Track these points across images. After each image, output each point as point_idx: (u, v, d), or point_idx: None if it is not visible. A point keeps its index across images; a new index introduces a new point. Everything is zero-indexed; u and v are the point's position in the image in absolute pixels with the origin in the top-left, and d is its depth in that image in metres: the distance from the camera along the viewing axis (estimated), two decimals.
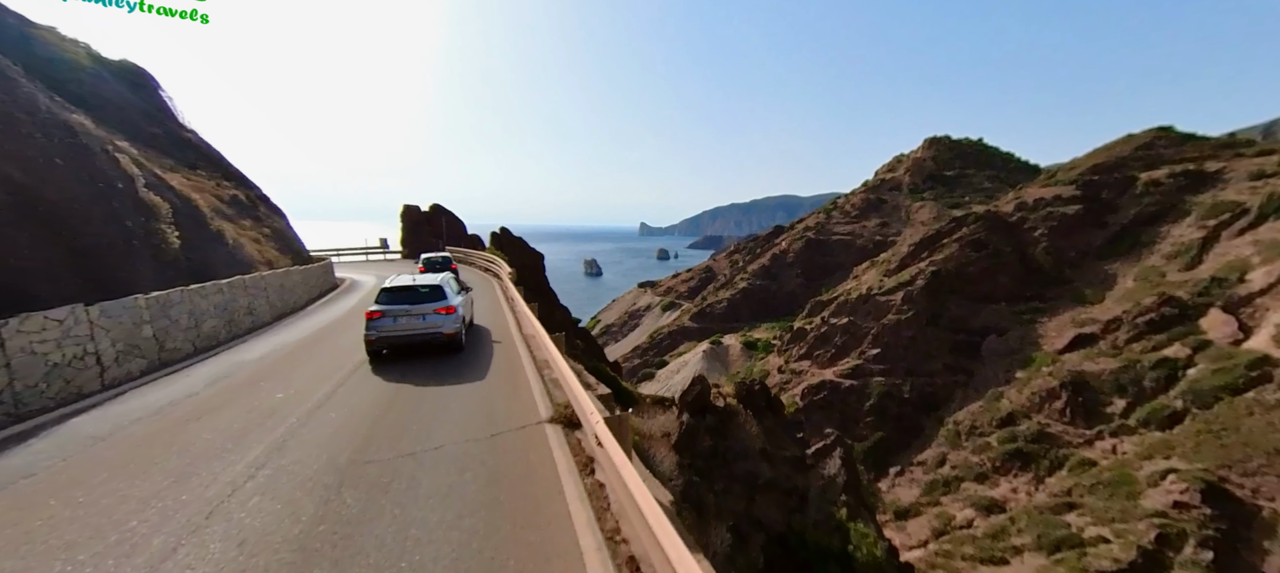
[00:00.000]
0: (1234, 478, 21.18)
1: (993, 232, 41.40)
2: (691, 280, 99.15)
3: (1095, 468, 25.69)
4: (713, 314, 76.47)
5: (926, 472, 33.99)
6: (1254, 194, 36.98)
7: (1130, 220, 39.87)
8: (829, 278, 72.81)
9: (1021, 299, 37.16)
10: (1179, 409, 25.61)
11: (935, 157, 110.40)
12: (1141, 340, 29.38)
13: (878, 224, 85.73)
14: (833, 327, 43.89)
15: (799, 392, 43.02)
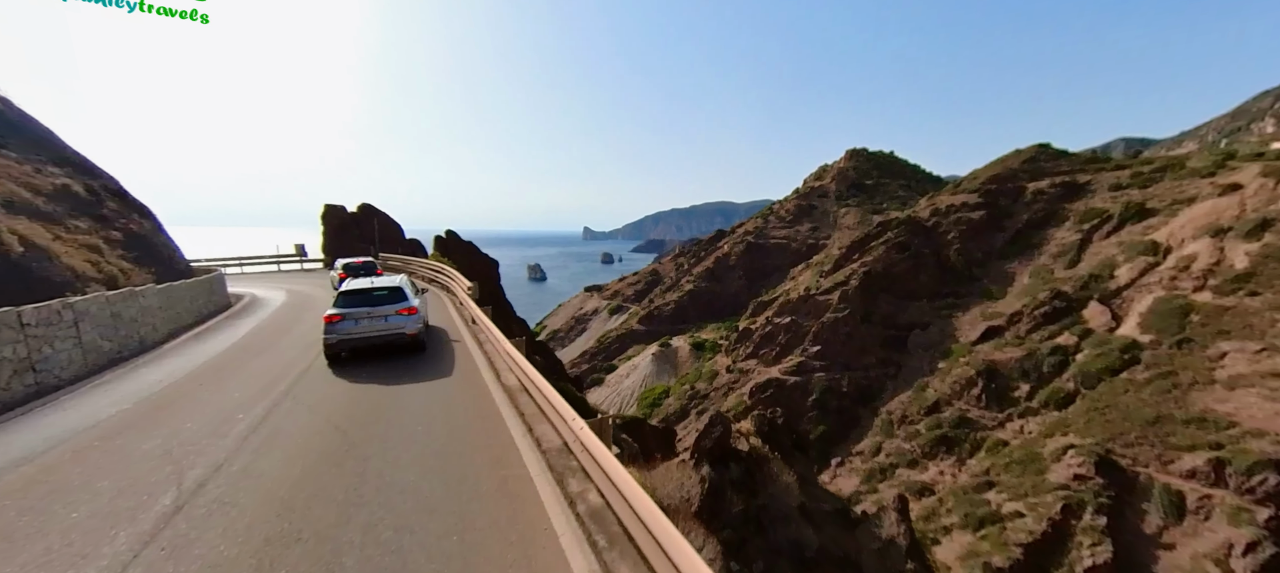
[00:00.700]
0: (1118, 449, 23.94)
1: (913, 235, 44.79)
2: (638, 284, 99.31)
3: (1008, 448, 28.16)
4: (660, 317, 76.86)
5: (864, 461, 35.82)
6: (1114, 202, 42.77)
7: (1023, 225, 44.72)
8: (769, 279, 75.70)
9: (940, 296, 40.47)
10: (1071, 391, 28.73)
11: (856, 166, 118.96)
12: (1038, 331, 32.78)
13: (810, 228, 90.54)
14: (776, 326, 45.37)
15: (747, 390, 43.97)
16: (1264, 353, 24.35)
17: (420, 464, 6.57)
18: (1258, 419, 21.97)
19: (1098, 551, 21.59)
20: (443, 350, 12.95)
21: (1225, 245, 32.06)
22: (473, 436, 7.60)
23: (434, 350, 12.88)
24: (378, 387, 9.89)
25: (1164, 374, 26.01)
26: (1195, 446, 22.34)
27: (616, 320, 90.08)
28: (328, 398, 9.44)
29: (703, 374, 54.75)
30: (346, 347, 11.22)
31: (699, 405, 49.62)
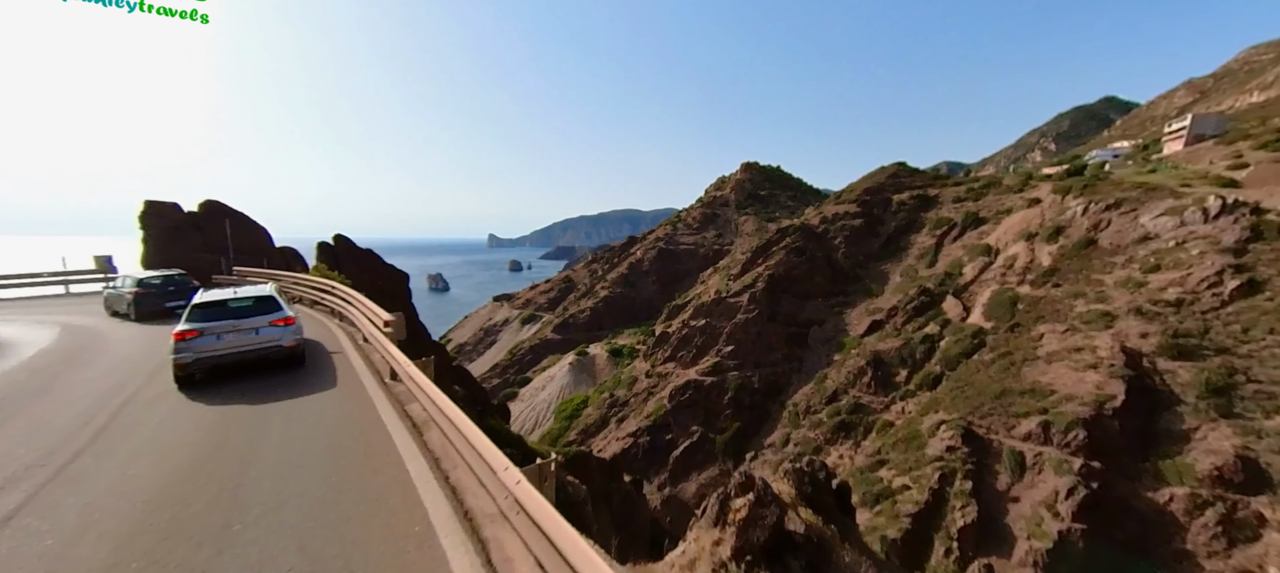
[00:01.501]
0: (976, 420, 27.82)
1: (808, 241, 48.91)
2: (551, 291, 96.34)
3: (894, 428, 31.44)
4: (576, 324, 75.06)
5: (775, 452, 37.88)
6: (957, 212, 50.72)
7: (892, 231, 51.13)
8: (681, 283, 77.93)
9: (832, 295, 44.58)
10: (938, 373, 32.98)
11: (751, 178, 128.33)
12: (911, 323, 37.33)
13: (715, 235, 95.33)
14: (692, 329, 46.45)
15: (666, 394, 44.28)
16: (1068, 332, 30.04)
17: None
18: (1068, 386, 26.90)
19: (967, 512, 24.66)
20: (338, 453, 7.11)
21: (1035, 247, 39.40)
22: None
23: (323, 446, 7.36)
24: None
25: (1003, 354, 30.94)
26: (1029, 412, 26.68)
27: (529, 330, 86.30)
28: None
29: (622, 381, 54.25)
30: (205, 367, 9.55)
31: (619, 413, 49.01)
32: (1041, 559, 22.51)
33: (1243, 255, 28.59)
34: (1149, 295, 29.38)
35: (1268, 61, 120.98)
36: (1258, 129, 55.20)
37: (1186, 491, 22.65)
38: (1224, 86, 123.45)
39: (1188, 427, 24.05)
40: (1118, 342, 27.35)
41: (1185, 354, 25.75)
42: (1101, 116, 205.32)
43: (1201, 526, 21.81)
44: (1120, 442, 24.10)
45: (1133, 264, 32.32)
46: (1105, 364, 26.45)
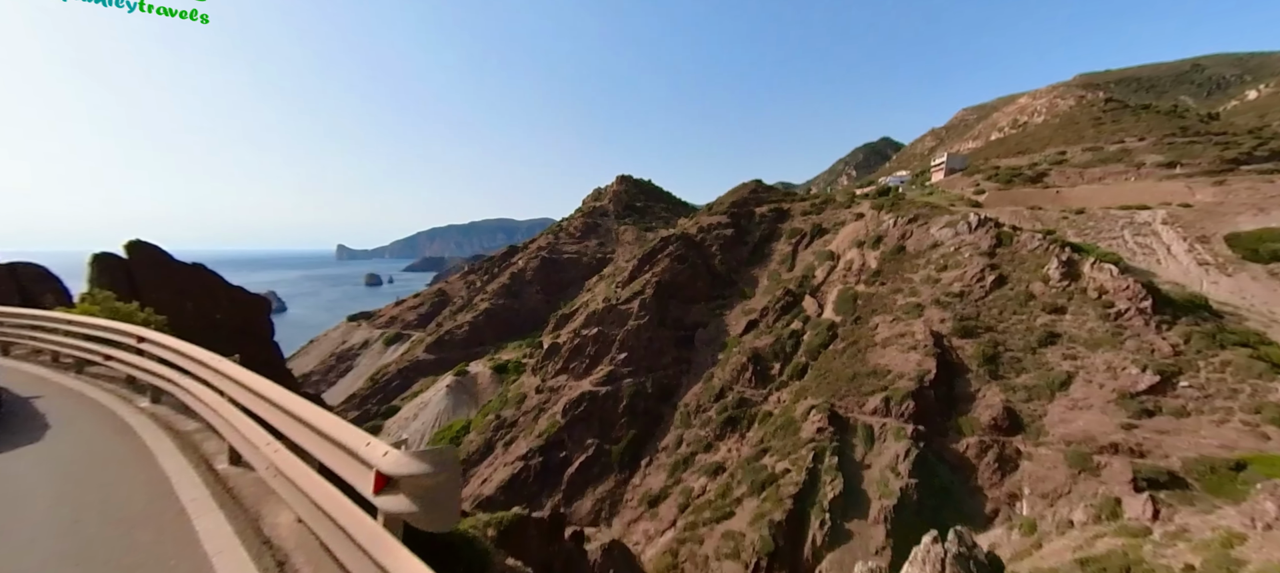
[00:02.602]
0: (837, 402, 31.70)
1: (689, 249, 51.50)
2: (421, 307, 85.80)
3: (773, 417, 34.29)
4: (453, 341, 67.83)
5: (669, 455, 38.57)
6: (806, 223, 58.40)
7: (757, 240, 56.73)
8: (566, 292, 75.85)
9: (713, 298, 47.52)
10: (805, 363, 36.99)
11: (627, 190, 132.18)
12: (779, 320, 41.44)
13: (597, 244, 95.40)
14: (584, 338, 45.14)
15: (560, 409, 42.15)
16: (894, 321, 36.21)
17: None
18: (899, 365, 32.27)
19: (835, 484, 27.71)
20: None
21: (864, 253, 47.05)
22: None
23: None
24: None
25: (851, 343, 36.00)
26: (874, 390, 31.30)
27: (395, 352, 75.54)
28: None
29: (509, 399, 50.27)
30: None
31: (506, 435, 45.30)
32: (889, 515, 26.15)
33: (994, 257, 37.76)
34: (942, 289, 37.03)
35: (973, 120, 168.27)
36: (984, 166, 74.45)
37: (975, 439, 28.51)
38: (951, 136, 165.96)
39: (973, 390, 30.49)
40: (927, 327, 33.78)
41: (969, 333, 32.84)
42: (882, 152, 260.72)
43: (985, 464, 27.62)
44: (935, 407, 29.58)
45: (930, 265, 40.51)
46: (921, 345, 32.41)
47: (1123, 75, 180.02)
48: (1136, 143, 66.88)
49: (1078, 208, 50.32)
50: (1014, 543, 22.79)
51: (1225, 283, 35.39)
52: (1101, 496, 21.18)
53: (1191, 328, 27.87)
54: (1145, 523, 16.68)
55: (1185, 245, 39.73)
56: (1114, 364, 27.45)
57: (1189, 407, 25.08)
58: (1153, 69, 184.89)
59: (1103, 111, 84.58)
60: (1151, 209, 45.82)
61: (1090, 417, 26.45)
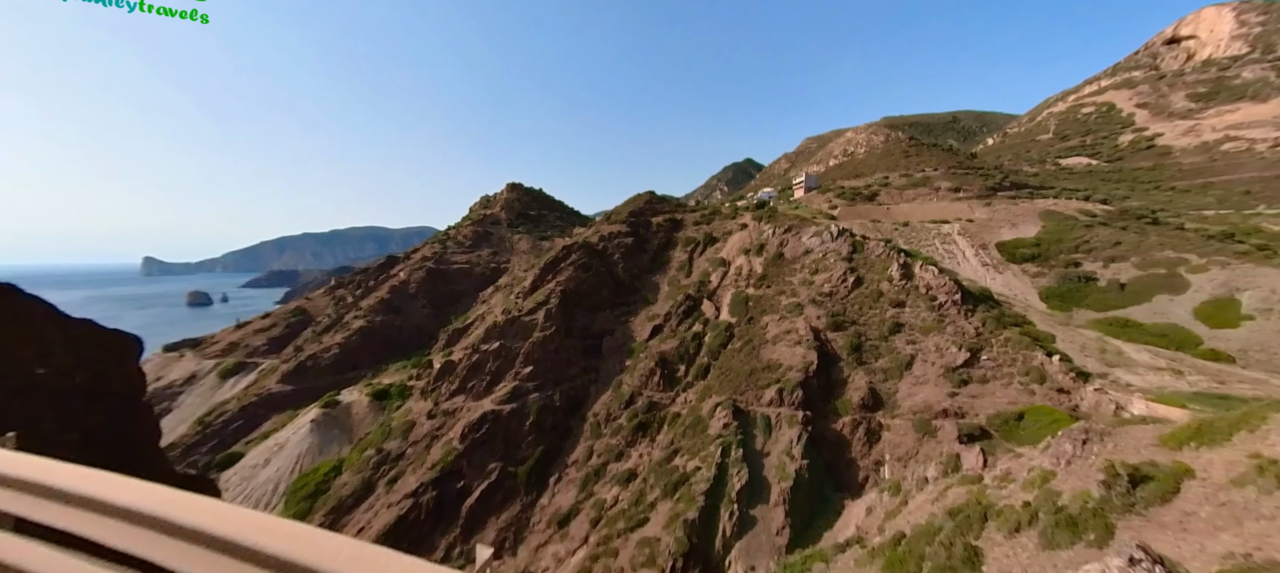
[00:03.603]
0: (739, 397, 33.62)
1: (592, 257, 50.71)
2: (272, 329, 70.87)
3: (682, 418, 35.08)
4: (319, 367, 57.12)
5: (579, 469, 37.12)
6: (699, 232, 61.78)
7: (656, 247, 58.32)
8: (457, 305, 69.19)
9: (617, 305, 47.32)
10: (707, 364, 38.65)
11: (519, 198, 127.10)
12: (682, 324, 42.85)
13: (490, 253, 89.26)
14: (484, 353, 41.34)
15: (457, 433, 37.91)
16: (780, 320, 39.84)
17: None
18: (787, 359, 35.47)
19: (741, 475, 29.20)
20: None
21: (751, 260, 51.25)
22: None
23: None
24: None
25: (746, 342, 38.67)
26: (769, 383, 33.89)
27: (237, 385, 61.12)
28: None
29: (393, 429, 43.79)
30: None
31: (390, 472, 39.38)
32: (787, 496, 28.29)
33: (852, 261, 43.95)
34: (816, 290, 41.93)
35: (815, 148, 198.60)
36: (832, 186, 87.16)
37: (849, 418, 32.46)
38: (800, 160, 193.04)
39: (845, 375, 34.80)
40: (807, 323, 37.81)
41: (839, 327, 37.54)
42: (747, 171, 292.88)
43: (857, 438, 31.58)
44: (818, 393, 33.09)
45: (804, 269, 45.63)
46: (804, 340, 36.10)
47: (912, 120, 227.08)
48: (933, 172, 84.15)
49: (903, 221, 61.54)
50: (885, 503, 26.18)
51: (999, 279, 46.11)
52: (945, 453, 25.53)
53: (986, 314, 35.53)
54: (979, 471, 20.36)
55: (973, 250, 50.92)
56: (940, 346, 33.63)
57: (988, 375, 31.73)
58: (929, 117, 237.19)
59: (909, 147, 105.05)
60: (950, 223, 58.00)
61: (927, 389, 31.93)
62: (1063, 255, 46.46)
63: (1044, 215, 56.07)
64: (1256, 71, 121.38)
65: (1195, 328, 34.32)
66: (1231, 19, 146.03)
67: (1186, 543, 9.56)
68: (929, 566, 14.01)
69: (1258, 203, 72.49)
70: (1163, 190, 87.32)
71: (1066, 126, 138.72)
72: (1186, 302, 36.50)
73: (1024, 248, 48.67)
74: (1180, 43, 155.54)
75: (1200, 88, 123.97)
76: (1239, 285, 36.19)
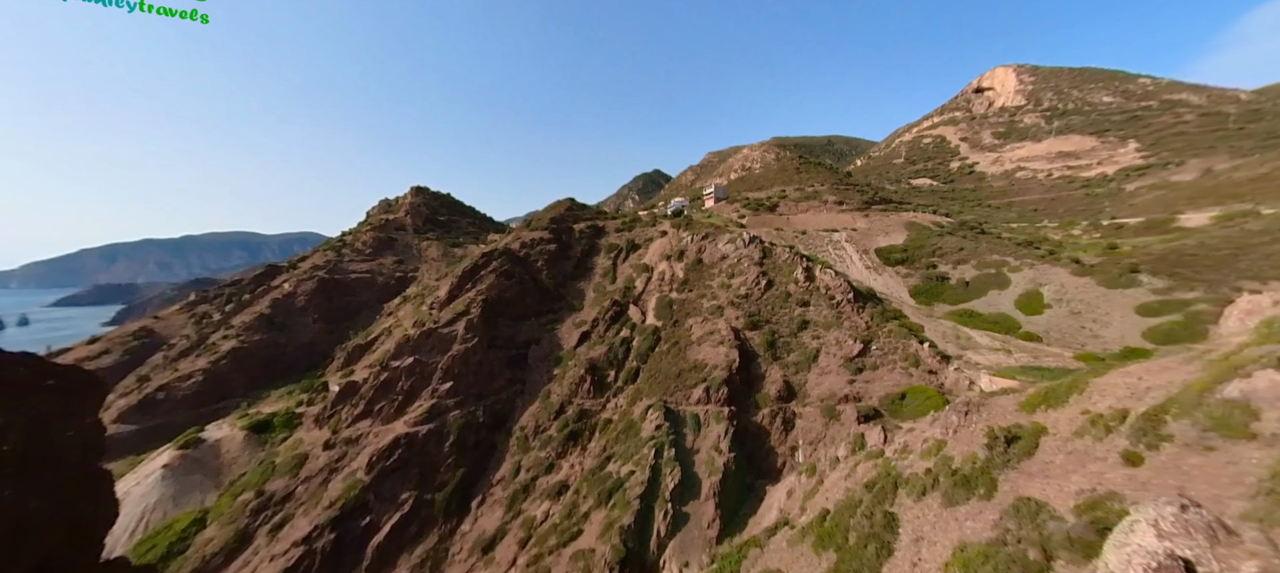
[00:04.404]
0: (669, 398, 34.17)
1: (514, 264, 48.20)
2: (105, 356, 56.15)
3: (613, 423, 34.65)
4: (173, 400, 46.46)
5: (506, 487, 34.85)
6: (621, 239, 62.08)
7: (580, 254, 57.37)
8: (356, 318, 61.06)
9: (542, 313, 45.45)
10: (636, 367, 38.75)
11: (425, 203, 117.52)
12: (610, 330, 42.52)
13: (395, 261, 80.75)
14: (395, 370, 36.92)
15: (363, 463, 33.32)
16: (703, 321, 41.42)
17: None
18: (712, 358, 36.93)
19: (674, 474, 29.61)
20: None
21: (672, 265, 52.72)
22: None
23: None
24: None
25: (673, 344, 39.55)
26: (696, 383, 34.96)
27: None
28: None
29: (279, 466, 37.17)
30: None
31: (272, 516, 33.45)
32: (716, 489, 29.27)
33: (763, 265, 47.35)
34: (734, 293, 44.38)
35: (716, 161, 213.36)
36: (738, 197, 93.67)
37: (768, 409, 34.62)
38: (704, 173, 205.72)
39: (763, 370, 37.16)
40: (728, 324, 39.79)
41: (755, 326, 40.08)
42: (657, 181, 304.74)
43: (775, 428, 33.80)
44: (741, 388, 34.88)
45: (722, 274, 48.09)
46: (726, 340, 37.91)
47: (796, 141, 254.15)
48: (821, 187, 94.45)
49: (801, 230, 68.03)
50: (803, 485, 28.25)
51: (879, 279, 52.96)
52: (851, 434, 28.34)
53: (873, 310, 40.48)
54: (881, 447, 22.90)
55: (858, 255, 57.93)
56: (839, 339, 37.53)
57: (878, 363, 36.08)
58: (811, 139, 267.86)
59: (800, 165, 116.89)
60: (839, 231, 65.42)
61: (831, 378, 35.34)
62: (924, 259, 54.89)
63: (908, 226, 65.82)
64: (1033, 118, 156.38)
65: (1016, 315, 42.60)
66: (1014, 77, 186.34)
67: (1050, 486, 11.50)
68: (855, 534, 15.32)
69: (1042, 218, 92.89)
70: (983, 207, 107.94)
71: (914, 153, 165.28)
72: (1009, 295, 45.22)
73: (896, 253, 56.63)
74: (983, 92, 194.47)
75: (999, 128, 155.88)
76: (1041, 281, 45.80)
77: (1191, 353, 13.95)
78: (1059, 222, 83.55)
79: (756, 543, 21.45)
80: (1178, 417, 10.47)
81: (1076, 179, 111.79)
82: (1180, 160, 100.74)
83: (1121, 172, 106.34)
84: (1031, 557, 9.70)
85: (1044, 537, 9.86)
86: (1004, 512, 11.74)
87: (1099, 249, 55.26)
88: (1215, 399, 10.04)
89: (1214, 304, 34.18)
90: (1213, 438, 9.44)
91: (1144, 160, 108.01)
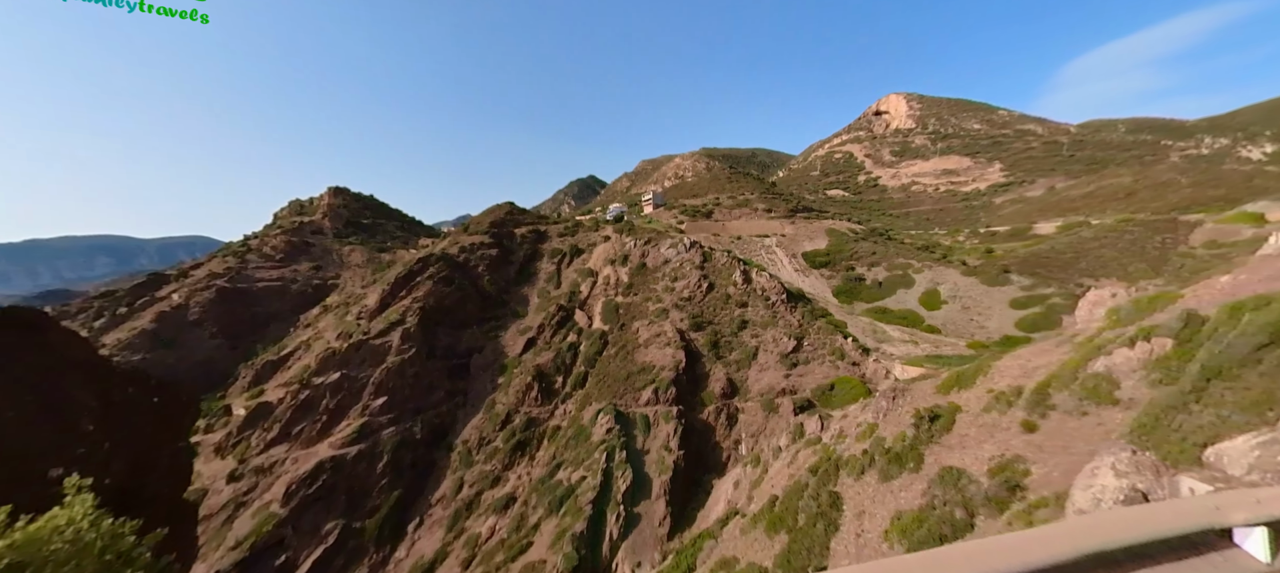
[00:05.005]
0: (619, 401, 34.04)
1: (454, 270, 45.37)
2: None
3: (563, 430, 33.81)
4: None
5: (447, 505, 32.61)
6: (564, 243, 61.03)
7: (522, 259, 55.46)
8: (263, 333, 53.61)
9: (486, 321, 43.19)
10: (584, 372, 38.16)
11: (347, 205, 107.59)
12: (557, 335, 41.51)
13: (312, 268, 72.44)
14: (318, 388, 32.96)
15: (278, 494, 29.39)
16: (649, 324, 41.86)
17: None
18: (659, 360, 37.41)
19: (626, 476, 29.59)
20: None
21: (617, 270, 52.76)
22: None
23: None
24: None
25: (621, 347, 39.51)
26: (645, 385, 35.20)
27: None
28: None
29: None
30: None
31: None
32: (667, 487, 29.66)
33: (704, 269, 48.97)
34: (678, 295, 45.38)
35: (650, 169, 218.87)
36: (676, 204, 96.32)
37: (713, 406, 35.75)
38: (639, 180, 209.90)
39: (707, 369, 38.35)
40: (673, 326, 40.57)
41: (699, 327, 41.27)
42: (593, 187, 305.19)
43: (720, 423, 34.98)
44: (687, 387, 35.69)
45: (665, 277, 49.00)
46: (672, 341, 38.62)
47: (725, 152, 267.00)
48: (752, 196, 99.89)
49: (736, 235, 71.38)
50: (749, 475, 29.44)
51: (807, 281, 57.02)
52: (790, 424, 30.05)
53: (804, 309, 43.45)
54: (819, 434, 24.56)
55: (788, 259, 61.96)
56: (776, 337, 39.79)
57: (809, 357, 38.73)
58: (737, 150, 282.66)
59: (730, 175, 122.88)
60: (770, 237, 69.55)
61: (769, 374, 37.33)
62: (843, 262, 60.05)
63: (829, 232, 71.66)
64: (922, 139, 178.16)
65: (920, 311, 47.98)
66: (905, 104, 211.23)
67: (967, 455, 13.00)
68: (804, 515, 16.25)
69: (934, 226, 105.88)
70: (886, 216, 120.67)
71: (827, 167, 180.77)
72: (914, 293, 50.85)
73: (820, 256, 61.37)
74: (881, 115, 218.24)
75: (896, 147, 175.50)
76: (938, 281, 52.08)
77: (1062, 337, 16.56)
78: (947, 229, 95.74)
79: (710, 535, 21.97)
80: (1059, 390, 12.37)
81: (958, 193, 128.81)
82: (1032, 180, 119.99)
83: (991, 188, 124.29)
84: (958, 516, 10.91)
85: (966, 499, 11.14)
86: (931, 481, 13.09)
87: (979, 253, 64.10)
88: (1086, 374, 11.99)
89: (1066, 298, 41.00)
90: (1087, 405, 11.28)
91: (1006, 179, 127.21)
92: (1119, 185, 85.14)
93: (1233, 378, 8.97)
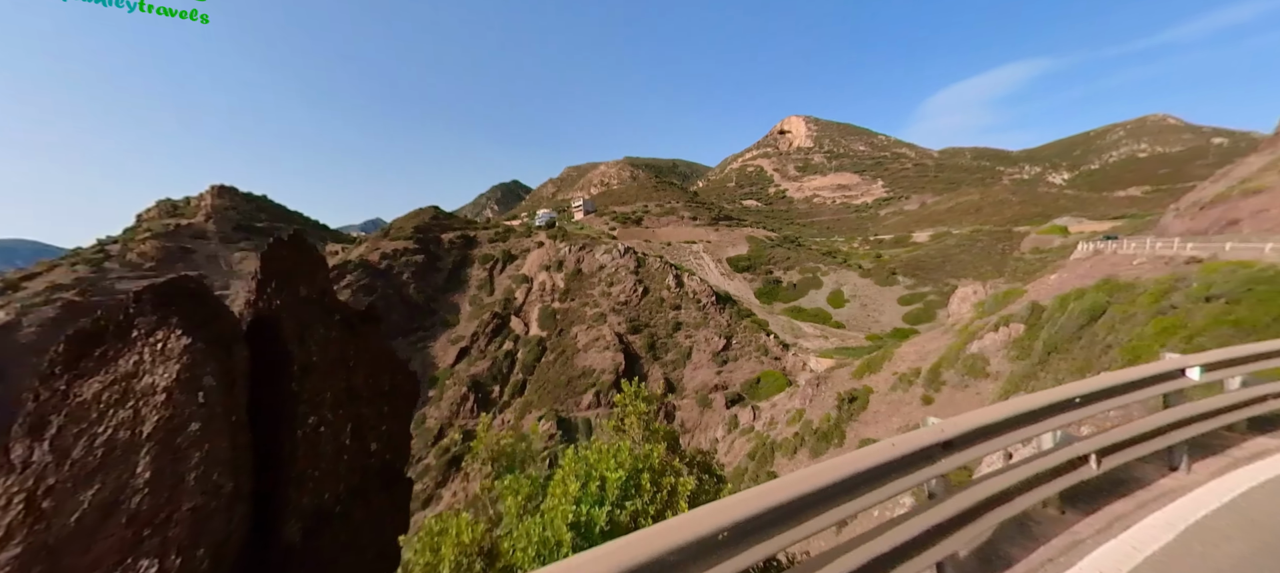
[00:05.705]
0: (560, 407, 33.36)
1: (374, 277, 41.17)
2: None
3: None
4: None
5: None
6: (496, 249, 58.35)
7: (451, 266, 51.99)
8: None
9: (413, 331, 39.69)
10: (523, 380, 36.81)
11: (235, 206, 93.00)
12: (492, 343, 39.56)
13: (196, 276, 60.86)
14: None
15: None
16: (588, 329, 41.59)
17: None
18: (598, 364, 37.33)
19: None
20: None
21: (552, 276, 51.68)
22: None
23: None
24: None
25: (560, 353, 38.76)
26: (586, 388, 34.90)
27: None
28: None
29: None
30: None
31: None
32: None
33: (639, 274, 49.86)
34: (614, 300, 45.66)
35: (576, 176, 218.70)
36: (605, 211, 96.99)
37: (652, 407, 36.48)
38: (564, 186, 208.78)
39: (646, 370, 39.04)
40: (611, 330, 40.74)
41: (636, 330, 41.88)
42: (516, 192, 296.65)
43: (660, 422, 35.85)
44: None
45: (601, 282, 49.06)
46: (611, 345, 38.75)
47: (647, 161, 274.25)
48: (677, 204, 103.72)
49: (666, 241, 73.62)
50: None
51: (732, 284, 60.53)
52: (724, 417, 31.68)
53: (731, 310, 46.10)
54: (752, 423, 26.26)
55: (715, 264, 65.29)
56: (708, 337, 41.73)
57: (738, 354, 41.17)
58: (659, 160, 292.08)
59: (656, 183, 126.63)
60: (697, 243, 72.75)
61: (703, 372, 39.03)
62: (763, 266, 64.78)
63: (749, 239, 76.85)
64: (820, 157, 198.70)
65: (828, 309, 53.36)
66: (804, 125, 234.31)
67: (880, 427, 14.82)
68: None
69: (833, 234, 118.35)
70: (795, 225, 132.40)
71: (742, 179, 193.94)
72: (823, 293, 56.44)
73: (742, 261, 65.57)
74: (785, 134, 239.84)
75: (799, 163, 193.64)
76: (842, 282, 58.38)
77: (945, 327, 19.55)
78: (845, 237, 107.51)
79: None
80: (947, 369, 14.65)
81: (851, 206, 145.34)
82: (907, 195, 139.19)
83: (876, 202, 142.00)
84: None
85: None
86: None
87: (871, 258, 72.95)
88: (965, 355, 14.34)
89: (940, 294, 48.17)
90: (968, 380, 13.51)
91: (888, 194, 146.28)
92: (970, 202, 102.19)
93: (1065, 352, 11.43)
